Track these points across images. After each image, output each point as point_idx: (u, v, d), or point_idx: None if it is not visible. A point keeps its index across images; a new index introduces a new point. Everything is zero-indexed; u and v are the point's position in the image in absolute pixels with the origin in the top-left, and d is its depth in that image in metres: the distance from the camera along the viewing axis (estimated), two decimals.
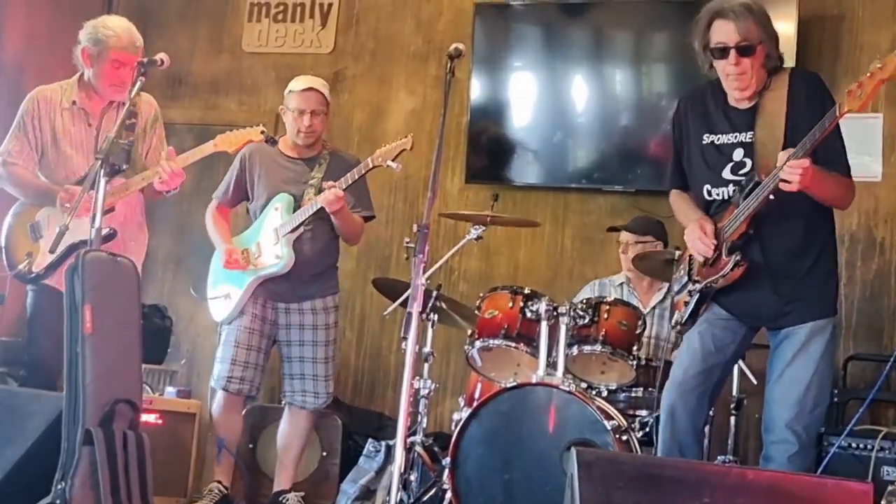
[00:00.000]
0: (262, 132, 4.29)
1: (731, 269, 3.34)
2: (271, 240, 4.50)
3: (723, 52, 3.36)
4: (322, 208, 4.36)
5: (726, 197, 3.43)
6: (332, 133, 6.02)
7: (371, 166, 4.33)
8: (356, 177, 4.34)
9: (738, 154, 3.42)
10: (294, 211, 4.48)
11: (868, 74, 2.94)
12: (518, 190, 5.96)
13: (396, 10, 6.37)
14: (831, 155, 3.27)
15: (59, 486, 3.00)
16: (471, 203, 5.86)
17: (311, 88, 4.53)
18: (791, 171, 3.09)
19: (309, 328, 4.56)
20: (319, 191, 4.45)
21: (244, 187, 4.68)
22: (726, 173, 3.43)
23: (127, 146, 3.54)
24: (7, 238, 4.15)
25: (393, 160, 4.28)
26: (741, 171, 3.40)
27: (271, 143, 4.44)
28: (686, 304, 3.52)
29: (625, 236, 5.02)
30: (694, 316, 3.51)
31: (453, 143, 6.03)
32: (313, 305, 4.57)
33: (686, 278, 3.56)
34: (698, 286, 3.46)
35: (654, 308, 4.86)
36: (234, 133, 4.27)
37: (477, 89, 5.98)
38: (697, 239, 3.44)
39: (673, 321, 3.65)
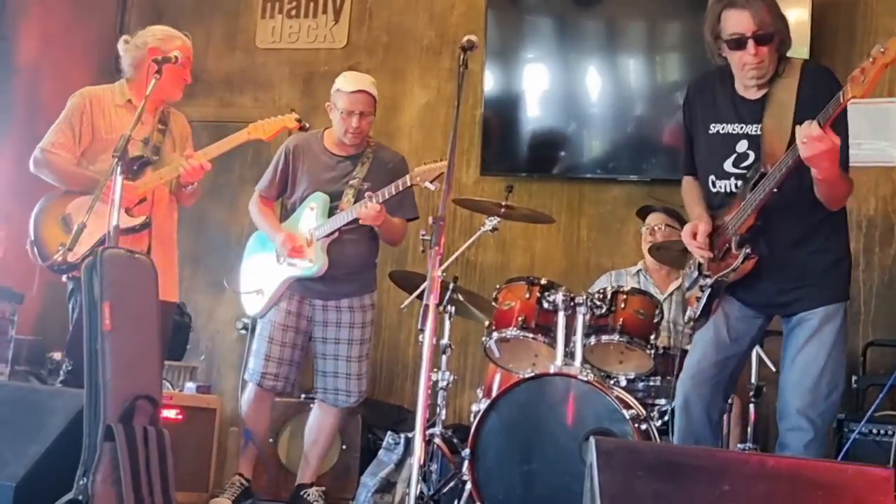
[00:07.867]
0: (297, 119, 4.28)
1: (742, 263, 3.31)
2: (304, 241, 4.52)
3: (739, 42, 3.28)
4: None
5: (730, 190, 3.39)
6: None
7: (409, 184, 4.36)
8: (393, 192, 4.36)
9: (741, 146, 3.37)
10: (329, 212, 4.49)
11: (870, 60, 2.86)
12: (533, 181, 5.96)
13: (409, 3, 6.37)
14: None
15: (80, 482, 3.02)
16: (486, 195, 5.85)
17: (361, 91, 4.51)
18: (809, 131, 2.97)
19: (346, 326, 4.56)
20: (358, 193, 4.47)
21: (286, 180, 4.67)
22: (728, 166, 3.39)
23: (145, 141, 3.57)
24: (36, 231, 4.12)
25: (431, 182, 4.31)
26: (743, 164, 3.36)
27: (304, 130, 4.44)
28: (698, 299, 3.49)
29: (656, 218, 4.99)
30: (707, 311, 3.48)
31: (468, 136, 6.03)
32: (350, 303, 4.57)
33: (696, 273, 3.53)
34: (709, 281, 3.43)
35: (671, 294, 4.85)
36: (269, 120, 4.27)
37: (490, 81, 5.98)
38: (688, 244, 3.46)
39: (686, 317, 3.61)
